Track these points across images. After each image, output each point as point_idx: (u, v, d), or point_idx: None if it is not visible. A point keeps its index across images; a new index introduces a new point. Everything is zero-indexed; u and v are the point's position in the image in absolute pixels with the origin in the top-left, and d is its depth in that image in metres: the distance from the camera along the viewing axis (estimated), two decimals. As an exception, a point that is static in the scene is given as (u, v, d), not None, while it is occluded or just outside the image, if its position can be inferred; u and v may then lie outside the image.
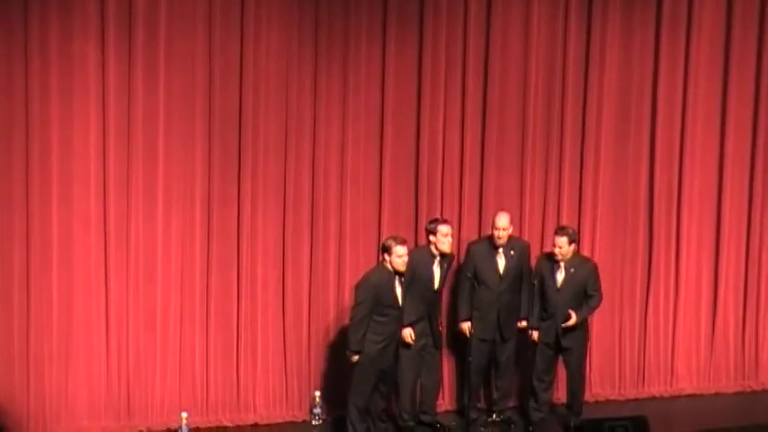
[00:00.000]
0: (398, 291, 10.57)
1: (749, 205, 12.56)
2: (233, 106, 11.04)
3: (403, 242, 10.54)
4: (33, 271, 10.60)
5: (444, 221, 11.07)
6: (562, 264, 11.11)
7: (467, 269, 11.22)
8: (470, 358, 11.01)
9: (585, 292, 11.19)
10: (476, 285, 11.03)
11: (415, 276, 10.89)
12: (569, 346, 11.20)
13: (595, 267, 11.38)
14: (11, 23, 10.34)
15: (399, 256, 10.46)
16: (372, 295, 10.41)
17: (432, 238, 10.98)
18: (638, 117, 12.16)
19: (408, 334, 10.81)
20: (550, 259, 11.21)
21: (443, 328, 11.32)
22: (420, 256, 11.00)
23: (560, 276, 11.12)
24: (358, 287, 10.51)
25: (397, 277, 10.53)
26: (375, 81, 11.41)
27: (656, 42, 12.09)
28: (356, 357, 10.47)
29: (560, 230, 11.21)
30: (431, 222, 11.08)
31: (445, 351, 11.60)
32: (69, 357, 10.78)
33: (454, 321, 11.43)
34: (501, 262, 11.20)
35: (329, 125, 11.32)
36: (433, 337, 11.05)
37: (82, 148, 10.62)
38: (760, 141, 12.49)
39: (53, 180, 10.57)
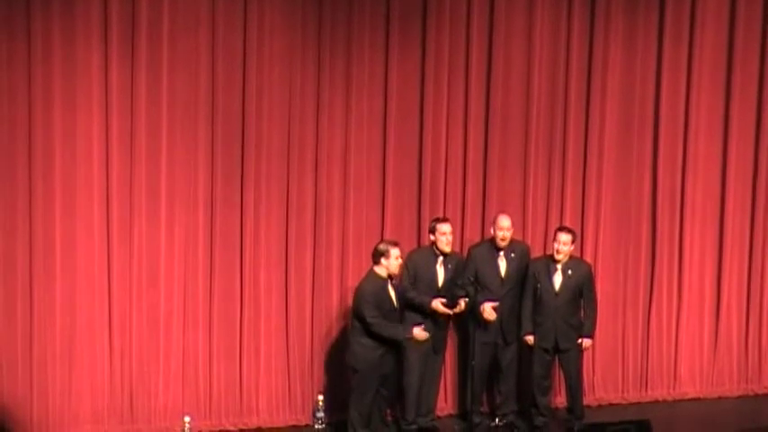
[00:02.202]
0: (392, 294, 10.61)
1: (752, 208, 12.54)
2: (236, 111, 11.06)
3: (396, 244, 10.59)
4: (36, 275, 10.63)
5: (444, 220, 11.11)
6: (559, 266, 11.12)
7: (468, 272, 11.20)
8: (473, 362, 11.02)
9: (581, 293, 11.22)
10: (478, 289, 11.04)
11: (418, 277, 10.94)
12: (566, 348, 11.21)
13: (591, 269, 11.43)
14: (13, 28, 10.38)
15: (397, 258, 10.52)
16: (374, 301, 10.42)
17: (432, 237, 11.03)
18: (641, 121, 12.16)
19: (439, 303, 10.82)
20: (547, 262, 11.22)
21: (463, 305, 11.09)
22: (421, 257, 11.07)
23: (558, 280, 11.12)
24: (361, 302, 10.42)
25: (389, 281, 10.58)
26: (378, 86, 11.43)
27: (659, 47, 12.08)
28: (422, 333, 10.56)
29: (564, 228, 11.24)
30: (432, 221, 11.14)
31: (448, 355, 11.60)
32: (72, 361, 10.80)
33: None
34: (502, 265, 11.21)
35: (332, 129, 11.34)
36: (434, 340, 11.06)
37: (85, 151, 10.65)
38: (763, 144, 12.47)
39: (56, 184, 10.59)
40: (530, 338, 11.21)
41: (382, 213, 11.57)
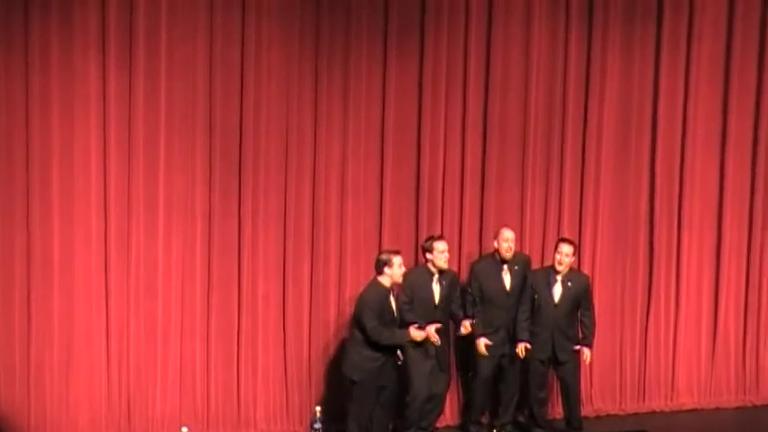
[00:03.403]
0: (393, 305, 10.64)
1: (750, 219, 12.53)
2: (234, 121, 11.06)
3: (397, 252, 10.63)
4: (34, 284, 10.64)
5: (440, 238, 11.09)
6: (559, 277, 11.11)
7: (473, 289, 11.18)
8: (471, 373, 10.99)
9: (579, 305, 11.21)
10: (477, 302, 11.02)
11: (415, 296, 10.90)
12: (564, 360, 11.20)
13: (589, 280, 11.43)
14: (11, 37, 10.40)
15: (400, 266, 10.55)
16: (376, 309, 10.43)
17: (429, 255, 10.98)
18: (639, 131, 12.16)
19: (434, 330, 10.70)
20: (547, 273, 11.21)
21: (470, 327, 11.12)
22: (417, 276, 11.00)
23: (558, 291, 11.11)
24: (363, 310, 10.44)
25: (391, 292, 10.60)
26: (376, 96, 11.43)
27: (657, 58, 12.08)
28: (418, 333, 10.56)
29: (566, 239, 11.25)
30: (427, 240, 11.09)
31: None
32: (70, 371, 10.80)
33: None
34: (507, 278, 11.21)
35: (330, 139, 11.33)
36: (437, 358, 11.04)
37: (82, 161, 10.66)
38: (761, 154, 12.46)
39: (54, 193, 10.60)
40: (521, 347, 11.13)
41: (380, 224, 11.56)
